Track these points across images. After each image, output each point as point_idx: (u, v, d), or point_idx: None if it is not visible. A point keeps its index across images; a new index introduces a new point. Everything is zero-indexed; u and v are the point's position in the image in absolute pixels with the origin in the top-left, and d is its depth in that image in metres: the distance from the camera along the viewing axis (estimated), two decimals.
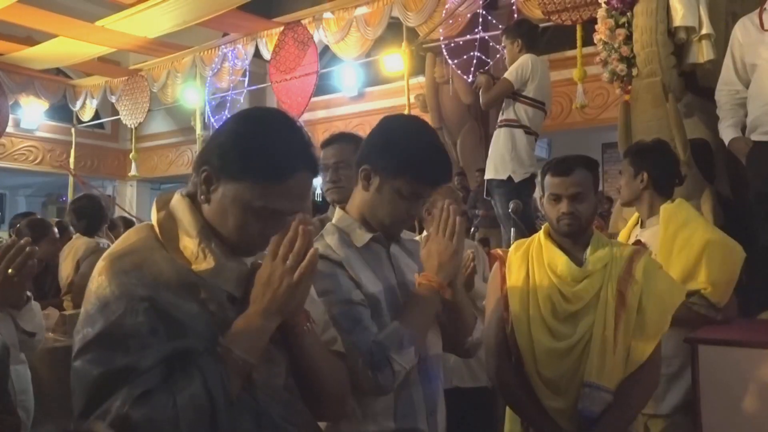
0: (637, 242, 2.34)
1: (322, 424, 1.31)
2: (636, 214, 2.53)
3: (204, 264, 1.07)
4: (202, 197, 1.10)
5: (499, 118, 4.12)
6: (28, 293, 2.34)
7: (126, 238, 1.11)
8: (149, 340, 0.98)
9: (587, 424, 1.71)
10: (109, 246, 3.56)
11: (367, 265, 1.46)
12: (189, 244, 1.08)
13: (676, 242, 2.24)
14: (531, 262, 1.89)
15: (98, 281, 1.03)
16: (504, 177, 3.97)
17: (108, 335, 0.98)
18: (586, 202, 1.83)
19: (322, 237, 1.50)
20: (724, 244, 2.24)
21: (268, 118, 1.13)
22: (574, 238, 1.86)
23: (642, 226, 2.45)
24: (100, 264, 1.06)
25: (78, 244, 3.85)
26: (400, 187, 1.43)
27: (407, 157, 1.42)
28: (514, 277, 1.90)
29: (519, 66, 3.96)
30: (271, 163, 1.06)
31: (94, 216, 3.92)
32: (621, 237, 2.52)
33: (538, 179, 2.06)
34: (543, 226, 1.96)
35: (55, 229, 3.74)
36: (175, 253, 1.08)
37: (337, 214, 1.55)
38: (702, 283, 2.20)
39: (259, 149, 1.07)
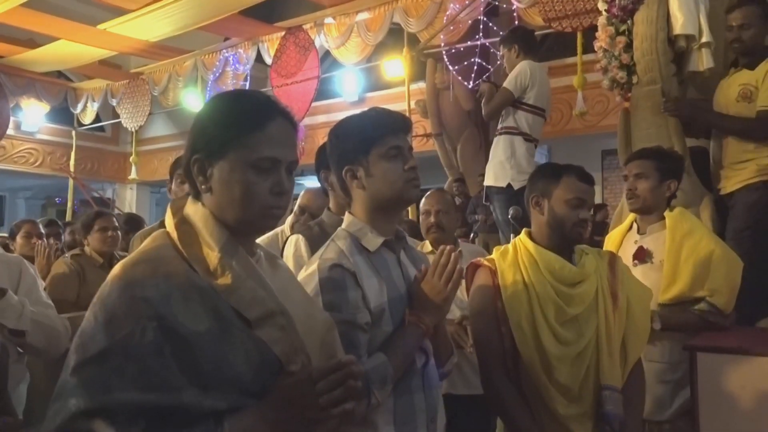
0: (640, 249, 2.35)
1: None
2: (630, 219, 2.51)
3: (221, 279, 1.06)
4: (203, 187, 1.12)
5: (499, 126, 4.11)
6: (2, 287, 2.19)
7: (143, 246, 1.12)
8: (152, 364, 0.96)
9: (607, 427, 1.73)
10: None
11: (377, 274, 1.46)
12: (209, 255, 1.08)
13: (682, 251, 2.25)
14: (524, 269, 1.85)
15: (109, 289, 1.02)
16: (503, 184, 3.96)
17: (108, 356, 0.96)
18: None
19: (333, 241, 1.51)
20: (726, 252, 2.26)
21: (229, 92, 1.25)
22: (564, 245, 1.87)
23: (640, 232, 2.43)
24: (114, 271, 1.05)
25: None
26: (381, 152, 1.46)
27: (363, 132, 1.49)
28: (511, 286, 1.83)
29: (517, 74, 3.95)
30: (246, 115, 1.12)
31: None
32: (613, 241, 2.50)
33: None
34: (522, 232, 1.94)
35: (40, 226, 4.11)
36: (194, 261, 1.07)
37: (347, 219, 1.56)
38: (708, 290, 2.21)
39: (231, 112, 1.14)
